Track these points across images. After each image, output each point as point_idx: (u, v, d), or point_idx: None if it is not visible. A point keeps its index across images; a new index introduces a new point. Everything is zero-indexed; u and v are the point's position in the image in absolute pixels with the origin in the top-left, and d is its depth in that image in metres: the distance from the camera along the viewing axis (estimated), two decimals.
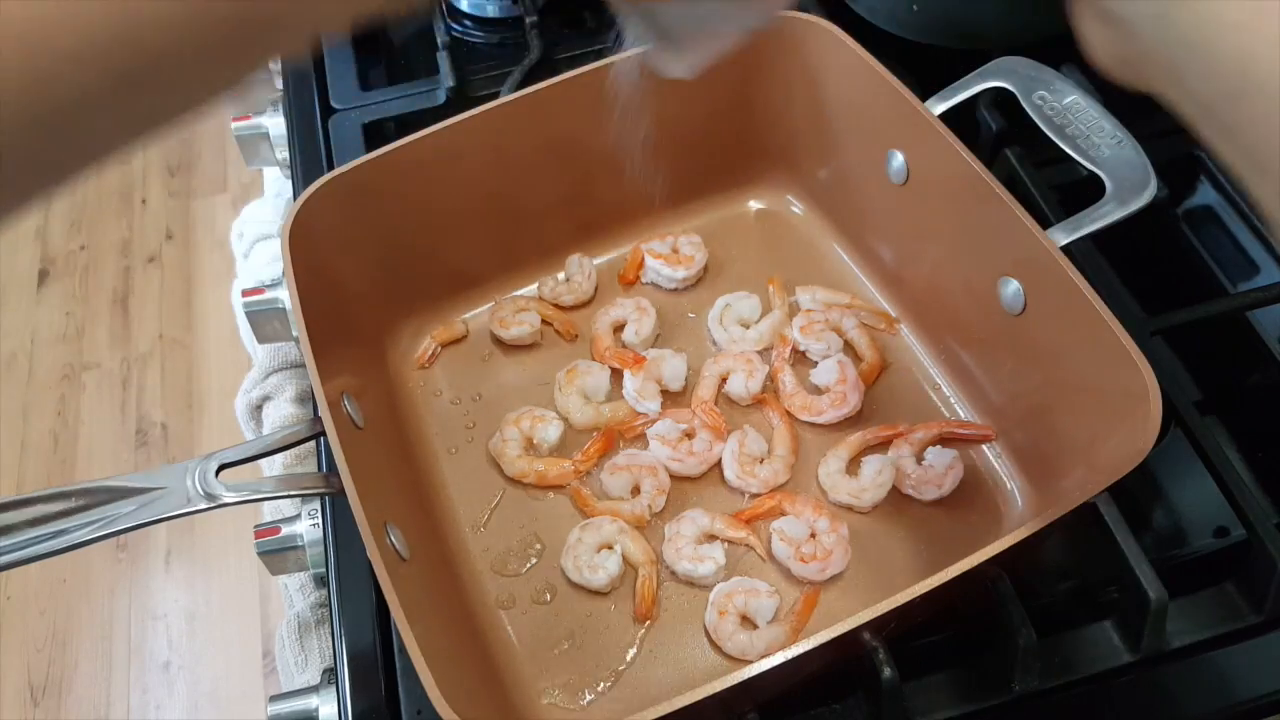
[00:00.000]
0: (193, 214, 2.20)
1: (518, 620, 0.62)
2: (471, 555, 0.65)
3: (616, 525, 0.64)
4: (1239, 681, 0.56)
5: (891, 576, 0.63)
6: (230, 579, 1.72)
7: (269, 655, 1.62)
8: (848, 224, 0.77)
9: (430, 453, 0.70)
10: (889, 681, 0.53)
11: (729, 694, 0.47)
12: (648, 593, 0.62)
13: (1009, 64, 0.67)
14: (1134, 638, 0.58)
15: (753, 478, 0.66)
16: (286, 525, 0.67)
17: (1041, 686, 0.57)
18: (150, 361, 2.00)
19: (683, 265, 0.76)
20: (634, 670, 0.60)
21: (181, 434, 1.90)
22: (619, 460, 0.67)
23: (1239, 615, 0.59)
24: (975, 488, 0.65)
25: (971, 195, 0.63)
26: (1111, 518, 0.58)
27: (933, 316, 0.72)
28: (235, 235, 1.00)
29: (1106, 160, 0.62)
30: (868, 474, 0.66)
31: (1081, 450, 0.59)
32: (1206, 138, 0.34)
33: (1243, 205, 0.77)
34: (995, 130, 0.77)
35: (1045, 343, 0.61)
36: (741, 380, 0.70)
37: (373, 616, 0.62)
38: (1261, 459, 0.66)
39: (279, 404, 0.85)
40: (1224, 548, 0.62)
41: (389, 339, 0.74)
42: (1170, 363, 0.70)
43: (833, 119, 0.73)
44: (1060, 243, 0.59)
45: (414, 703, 0.58)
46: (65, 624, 1.70)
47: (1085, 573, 0.61)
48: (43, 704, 1.62)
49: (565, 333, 0.75)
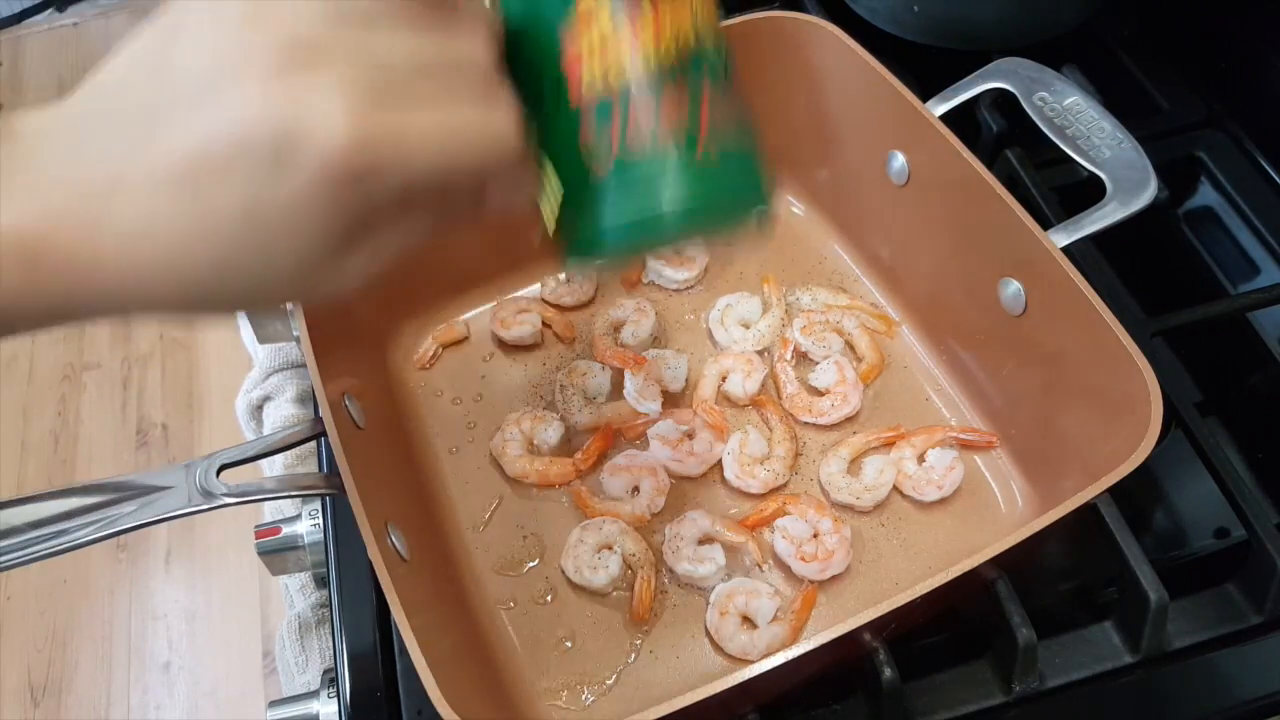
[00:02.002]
0: None
1: (518, 620, 0.63)
2: (472, 555, 0.65)
3: (617, 526, 0.64)
4: (1239, 682, 0.56)
5: (892, 577, 0.63)
6: (230, 579, 1.72)
7: (269, 655, 1.63)
8: (848, 224, 0.77)
9: (431, 453, 0.70)
10: (889, 682, 0.53)
11: (729, 694, 0.47)
12: (646, 595, 0.62)
13: (1009, 65, 0.67)
14: (1134, 638, 0.58)
15: (753, 478, 0.66)
16: (287, 525, 0.67)
17: (1041, 686, 0.57)
18: (151, 361, 2.00)
19: (684, 266, 0.76)
20: (634, 670, 0.60)
21: (182, 434, 1.90)
22: (619, 460, 0.67)
23: (1239, 616, 0.59)
24: (976, 488, 0.66)
25: (972, 196, 0.63)
26: (1112, 518, 0.58)
27: (933, 317, 0.72)
28: None
29: (1107, 161, 0.62)
30: (869, 474, 0.66)
31: (1082, 451, 0.59)
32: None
33: (1243, 206, 0.77)
34: (996, 131, 0.77)
35: (1046, 344, 0.61)
36: (740, 380, 0.70)
37: (373, 616, 0.62)
38: (1262, 460, 0.66)
39: (280, 404, 0.85)
40: (1224, 548, 0.62)
41: (390, 339, 0.74)
42: (1171, 364, 0.70)
43: (833, 119, 0.73)
44: (1061, 244, 0.59)
45: (414, 703, 0.58)
46: (65, 624, 1.70)
47: (1085, 573, 0.61)
48: (43, 704, 1.62)
49: (563, 335, 0.75)
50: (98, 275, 0.33)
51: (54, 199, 0.33)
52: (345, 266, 0.37)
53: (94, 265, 0.33)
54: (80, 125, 0.34)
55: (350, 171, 0.33)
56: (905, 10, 0.83)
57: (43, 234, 0.32)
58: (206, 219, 0.33)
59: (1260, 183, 0.78)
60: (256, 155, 0.32)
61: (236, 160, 0.33)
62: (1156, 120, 0.82)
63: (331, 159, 0.33)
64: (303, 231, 0.34)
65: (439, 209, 0.39)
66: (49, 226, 0.32)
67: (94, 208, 0.33)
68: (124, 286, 0.34)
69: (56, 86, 2.50)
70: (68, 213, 0.33)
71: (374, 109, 0.33)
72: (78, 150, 0.33)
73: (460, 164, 0.36)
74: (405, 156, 0.34)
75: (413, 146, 0.34)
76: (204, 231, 0.33)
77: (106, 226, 0.33)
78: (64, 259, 0.33)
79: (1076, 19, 0.83)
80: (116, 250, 0.33)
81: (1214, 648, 0.58)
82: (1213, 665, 0.57)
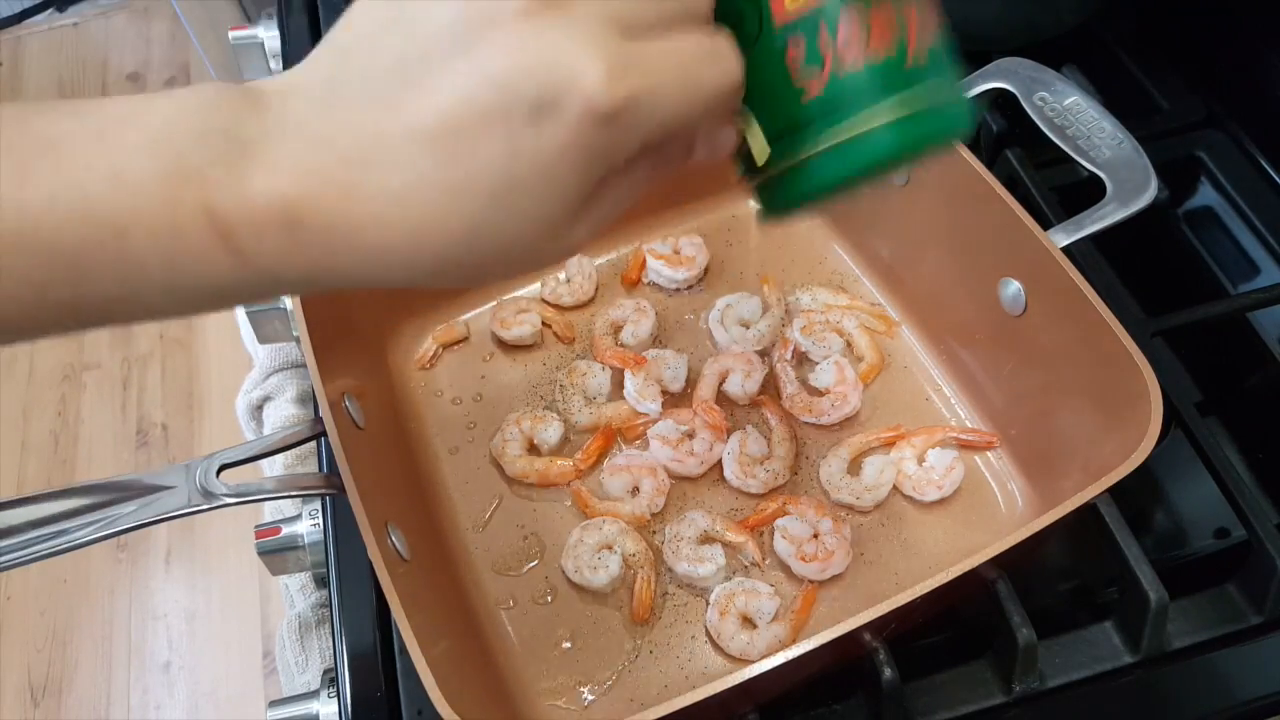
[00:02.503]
0: None
1: (518, 620, 0.63)
2: (472, 555, 0.65)
3: (617, 526, 0.64)
4: (1239, 682, 0.56)
5: (892, 577, 0.63)
6: (230, 579, 1.72)
7: (269, 655, 1.63)
8: (848, 224, 0.77)
9: (431, 453, 0.70)
10: (889, 682, 0.53)
11: (730, 694, 0.47)
12: (646, 595, 0.62)
13: (1009, 65, 0.67)
14: (1134, 638, 0.58)
15: (753, 478, 0.66)
16: (287, 525, 0.67)
17: (1041, 686, 0.57)
18: (151, 361, 2.00)
19: (684, 266, 0.76)
20: (634, 670, 0.60)
21: (182, 434, 1.90)
22: (619, 460, 0.67)
23: (1239, 616, 0.59)
24: (976, 488, 0.66)
25: (972, 196, 0.63)
26: (1112, 518, 0.58)
27: (933, 317, 0.72)
28: None
29: (1107, 161, 0.62)
30: (869, 474, 0.66)
31: (1082, 451, 0.59)
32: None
33: (1243, 206, 0.77)
34: (996, 131, 0.77)
35: (1046, 344, 0.61)
36: (739, 380, 0.70)
37: (373, 616, 0.62)
38: (1262, 460, 0.66)
39: (280, 404, 0.85)
40: (1224, 548, 0.62)
41: (390, 339, 0.74)
42: (1171, 364, 0.70)
43: None
44: (1061, 244, 0.59)
45: (414, 703, 0.58)
46: (65, 624, 1.70)
47: (1085, 573, 0.61)
48: (43, 704, 1.62)
49: (563, 335, 0.75)
50: (356, 240, 0.33)
51: (312, 164, 0.32)
52: (577, 228, 0.36)
53: (353, 230, 0.33)
54: (328, 90, 0.33)
55: (612, 107, 0.32)
56: None
57: (302, 199, 0.32)
58: (467, 178, 0.32)
59: (1260, 183, 0.78)
60: (518, 105, 0.32)
61: (497, 113, 0.32)
62: (1156, 120, 0.82)
63: (595, 98, 0.32)
64: (559, 185, 0.33)
65: (659, 156, 0.38)
66: (308, 192, 0.32)
67: (353, 173, 0.32)
68: (381, 251, 0.33)
69: (56, 87, 2.50)
70: (326, 178, 0.32)
71: (624, 41, 0.33)
72: (330, 115, 0.33)
73: (699, 93, 0.35)
74: (655, 88, 0.33)
75: (659, 78, 0.34)
76: (463, 190, 0.33)
77: (365, 191, 0.32)
78: (324, 225, 0.32)
79: (1076, 19, 0.83)
80: (376, 214, 0.33)
81: (1214, 648, 0.58)
82: (1213, 665, 0.57)
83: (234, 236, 0.32)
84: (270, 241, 0.32)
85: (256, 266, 0.33)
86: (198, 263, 0.32)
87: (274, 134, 0.33)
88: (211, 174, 0.32)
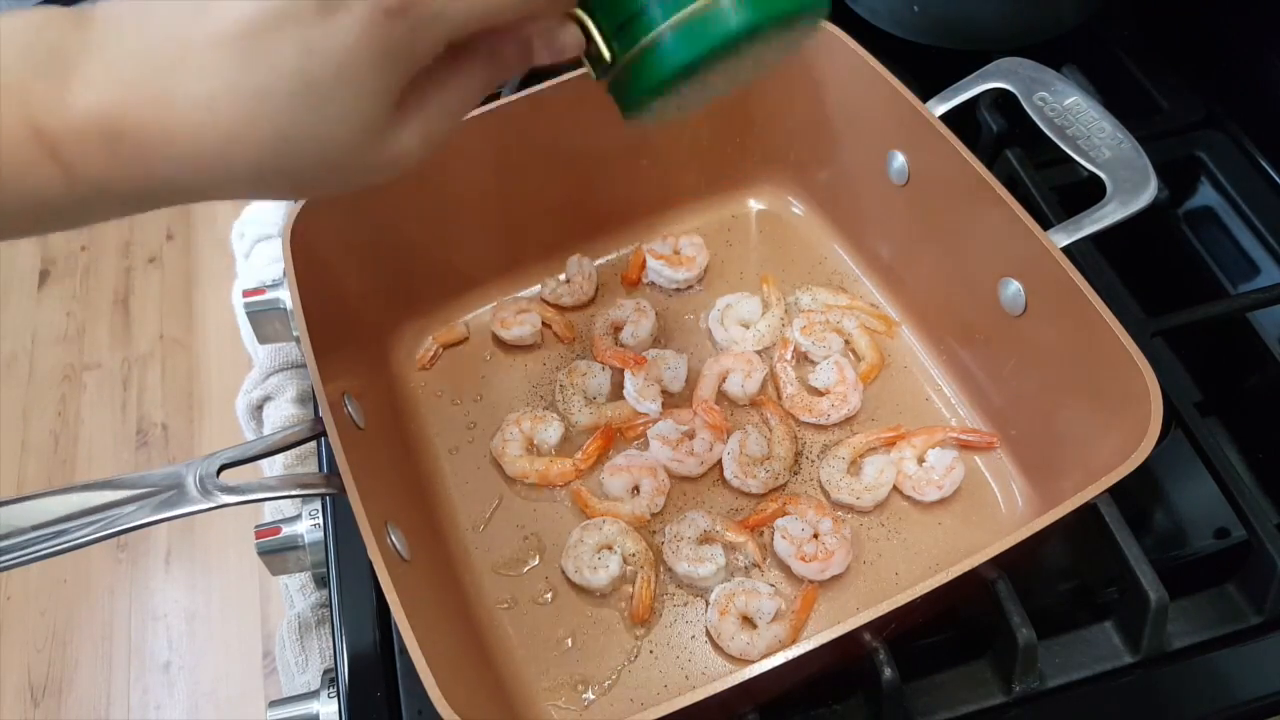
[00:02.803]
0: (194, 214, 2.19)
1: (518, 620, 0.63)
2: (472, 555, 0.65)
3: (617, 526, 0.64)
4: (1239, 682, 0.56)
5: (892, 577, 0.63)
6: (230, 579, 1.72)
7: (269, 655, 1.62)
8: (848, 224, 0.77)
9: (431, 453, 0.70)
10: (890, 682, 0.53)
11: (730, 694, 0.47)
12: (646, 595, 0.62)
13: (1010, 65, 0.67)
14: (1134, 638, 0.58)
15: (753, 478, 0.66)
16: (287, 525, 0.67)
17: (1041, 686, 0.57)
18: (151, 362, 2.00)
19: (684, 266, 0.76)
20: (634, 670, 0.60)
21: (182, 434, 1.90)
22: (619, 461, 0.67)
23: (1239, 616, 0.59)
24: (976, 488, 0.66)
25: (972, 196, 0.63)
26: (1112, 518, 0.58)
27: (933, 317, 0.72)
28: (236, 235, 1.00)
29: (1107, 161, 0.62)
30: (869, 474, 0.66)
31: (1082, 451, 0.59)
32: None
33: (1243, 206, 0.77)
34: (996, 131, 0.77)
35: (1046, 344, 0.61)
36: (740, 380, 0.70)
37: (373, 617, 0.62)
38: (1262, 460, 0.66)
39: (280, 404, 0.84)
40: (1224, 549, 0.62)
41: (390, 340, 0.74)
42: (1171, 364, 0.70)
43: (833, 120, 0.73)
44: (1061, 244, 0.59)
45: (414, 703, 0.58)
46: (65, 624, 1.70)
47: (1085, 573, 0.61)
48: (43, 704, 1.62)
49: (563, 335, 0.75)
50: (172, 150, 0.34)
51: (127, 76, 0.33)
52: (401, 135, 0.37)
53: (167, 140, 0.34)
54: (144, 4, 0.34)
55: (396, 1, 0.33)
56: (905, 10, 0.83)
57: (119, 112, 0.33)
58: (268, 80, 0.33)
59: (1260, 183, 0.78)
60: (306, 1, 0.33)
61: (288, 12, 0.33)
62: (1156, 120, 0.82)
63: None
64: (359, 83, 0.34)
65: (486, 63, 0.39)
66: (125, 103, 0.33)
67: (164, 81, 0.33)
68: (197, 159, 0.34)
69: None
70: (140, 89, 0.33)
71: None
72: (144, 28, 0.34)
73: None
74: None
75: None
76: (266, 93, 0.34)
77: (175, 99, 0.33)
78: (140, 135, 0.34)
79: (1076, 19, 0.83)
80: (186, 121, 0.34)
81: (1214, 648, 0.58)
82: (1213, 665, 0.57)
83: (61, 149, 0.33)
84: (95, 153, 0.34)
85: (85, 179, 0.34)
86: (26, 177, 0.34)
87: (94, 49, 0.34)
88: (35, 88, 0.33)
